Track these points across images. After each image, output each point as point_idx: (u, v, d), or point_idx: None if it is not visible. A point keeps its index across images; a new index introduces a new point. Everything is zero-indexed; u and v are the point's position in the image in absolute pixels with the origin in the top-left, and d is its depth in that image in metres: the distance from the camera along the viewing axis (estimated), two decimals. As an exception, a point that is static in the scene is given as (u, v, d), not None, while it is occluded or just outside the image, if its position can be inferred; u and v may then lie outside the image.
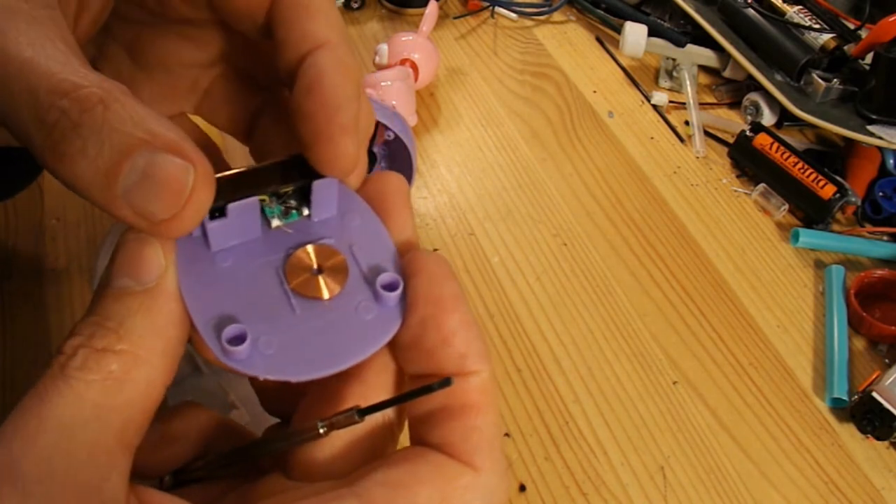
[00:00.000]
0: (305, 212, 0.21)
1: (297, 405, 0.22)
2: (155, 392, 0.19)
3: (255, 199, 0.20)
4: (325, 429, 0.19)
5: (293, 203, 0.21)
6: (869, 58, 0.67)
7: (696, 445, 0.50)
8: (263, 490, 0.20)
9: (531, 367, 0.53)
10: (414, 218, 0.23)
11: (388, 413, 0.21)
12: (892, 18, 0.64)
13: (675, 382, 0.53)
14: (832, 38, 0.69)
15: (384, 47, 0.68)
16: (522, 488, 0.47)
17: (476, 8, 0.82)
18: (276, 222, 0.21)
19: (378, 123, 0.64)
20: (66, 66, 0.17)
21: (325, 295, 0.20)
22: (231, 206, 0.19)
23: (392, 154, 0.60)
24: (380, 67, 0.67)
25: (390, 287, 0.20)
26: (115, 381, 0.18)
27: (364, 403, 0.20)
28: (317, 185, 0.21)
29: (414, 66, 0.67)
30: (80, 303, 0.53)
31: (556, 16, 0.83)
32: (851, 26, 0.70)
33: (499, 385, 0.52)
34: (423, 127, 0.70)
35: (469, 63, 0.77)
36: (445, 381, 0.18)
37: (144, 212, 0.17)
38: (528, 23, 0.82)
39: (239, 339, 0.19)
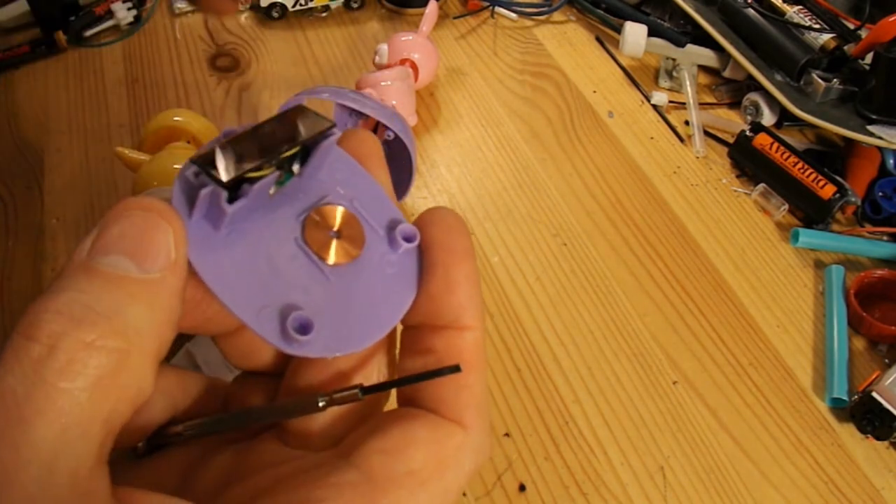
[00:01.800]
0: (295, 168, 0.20)
1: (264, 357, 0.21)
2: (140, 401, 0.16)
3: (273, 176, 0.19)
4: (325, 403, 0.19)
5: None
6: (869, 58, 0.67)
7: (696, 445, 0.50)
8: (261, 457, 0.20)
9: (531, 367, 0.53)
10: (391, 179, 0.23)
11: (382, 373, 0.21)
12: (892, 18, 0.64)
13: (675, 382, 0.53)
14: (832, 38, 0.69)
15: (384, 47, 0.68)
16: (522, 488, 0.47)
17: (476, 8, 0.82)
18: (274, 187, 0.20)
19: (378, 123, 0.64)
20: None
21: (351, 257, 0.20)
22: (255, 187, 0.18)
23: (392, 154, 0.60)
24: (380, 67, 0.67)
25: (409, 238, 0.20)
26: (103, 388, 0.15)
27: (360, 371, 0.20)
28: (323, 146, 0.20)
29: (414, 66, 0.67)
30: (80, 303, 0.53)
31: (556, 16, 0.83)
32: (851, 26, 0.70)
33: (497, 383, 0.52)
34: (423, 127, 0.70)
35: (469, 63, 0.76)
36: (454, 368, 0.19)
37: None
38: (528, 23, 0.82)
39: (305, 328, 0.18)
